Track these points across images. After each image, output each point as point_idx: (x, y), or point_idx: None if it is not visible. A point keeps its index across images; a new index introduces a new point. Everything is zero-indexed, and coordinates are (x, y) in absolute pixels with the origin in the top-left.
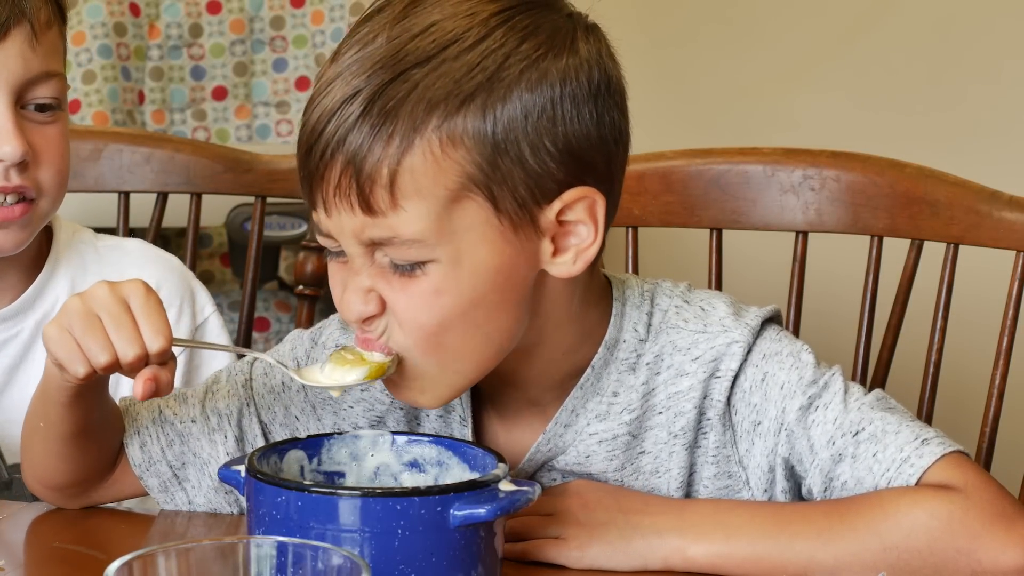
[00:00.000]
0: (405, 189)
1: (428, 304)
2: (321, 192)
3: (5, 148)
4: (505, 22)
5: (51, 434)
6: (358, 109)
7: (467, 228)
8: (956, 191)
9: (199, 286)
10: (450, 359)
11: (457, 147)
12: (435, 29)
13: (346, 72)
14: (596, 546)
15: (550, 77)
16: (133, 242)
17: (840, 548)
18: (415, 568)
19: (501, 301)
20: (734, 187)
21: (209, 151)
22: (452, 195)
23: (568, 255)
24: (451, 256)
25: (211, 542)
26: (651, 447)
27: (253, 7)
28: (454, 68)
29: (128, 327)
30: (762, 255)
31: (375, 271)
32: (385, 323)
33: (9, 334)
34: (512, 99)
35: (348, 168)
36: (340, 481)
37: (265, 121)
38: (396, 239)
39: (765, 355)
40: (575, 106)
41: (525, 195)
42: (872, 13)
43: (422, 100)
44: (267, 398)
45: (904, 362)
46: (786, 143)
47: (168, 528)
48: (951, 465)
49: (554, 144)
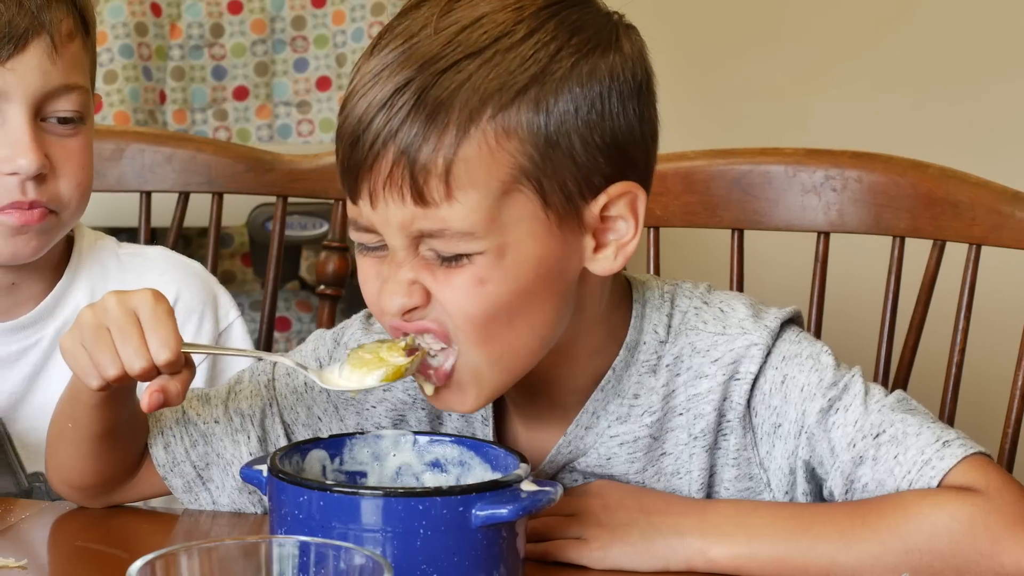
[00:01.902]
0: (460, 180)
1: (474, 293)
2: (368, 183)
3: (21, 161)
4: (554, 16)
5: (79, 435)
6: (411, 99)
7: (515, 220)
8: (978, 192)
9: (222, 291)
10: (498, 352)
11: (511, 139)
12: (485, 21)
13: (393, 63)
14: (617, 547)
15: (599, 72)
16: (155, 249)
17: (862, 550)
18: (437, 568)
19: (545, 294)
20: (756, 187)
21: (231, 151)
22: (504, 187)
23: (609, 250)
24: (498, 248)
25: (233, 541)
26: (672, 448)
27: (274, 7)
28: (507, 60)
29: (134, 339)
30: (784, 256)
31: (418, 263)
32: (432, 313)
33: (29, 342)
34: (564, 93)
35: (401, 159)
36: (362, 481)
37: (286, 121)
38: (447, 231)
39: (785, 357)
40: (621, 102)
41: (573, 189)
42: (894, 12)
43: (476, 91)
44: (290, 399)
45: (926, 363)
46: (807, 143)
47: (192, 527)
48: (973, 467)
49: (602, 138)
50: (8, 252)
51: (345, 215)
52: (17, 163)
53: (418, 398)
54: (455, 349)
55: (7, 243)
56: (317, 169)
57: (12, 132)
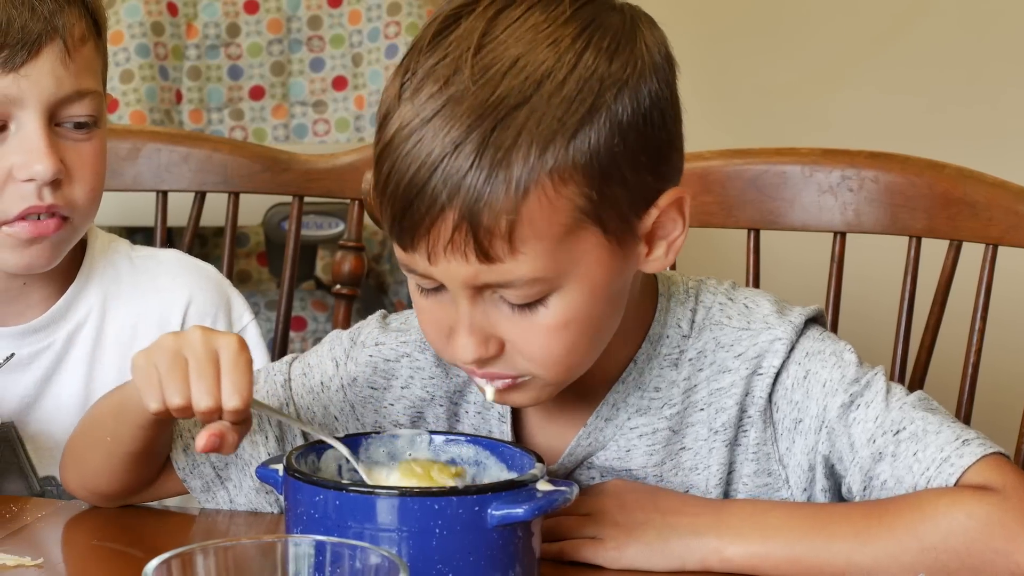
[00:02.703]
0: (523, 235)
1: (556, 337)
2: (427, 244)
3: (37, 167)
4: (588, 44)
5: (116, 450)
6: (466, 162)
7: (581, 255)
8: (995, 192)
9: (235, 294)
10: (574, 370)
11: (568, 185)
12: (523, 64)
13: (436, 119)
14: (633, 546)
15: (641, 95)
16: (168, 252)
17: (878, 549)
18: (453, 568)
19: (614, 310)
20: (772, 187)
21: (247, 150)
22: (566, 230)
23: (659, 250)
24: (569, 285)
25: (250, 541)
26: (691, 443)
27: (291, 7)
28: (554, 105)
29: (210, 378)
30: (800, 256)
31: (488, 309)
32: (507, 359)
33: (41, 345)
34: (612, 125)
35: (463, 223)
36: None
37: (302, 121)
38: (515, 281)
39: (808, 353)
40: (661, 116)
41: (628, 212)
42: (909, 12)
43: (532, 145)
44: (306, 398)
45: (942, 363)
46: (823, 143)
47: (209, 526)
48: (991, 466)
49: (646, 154)
50: (24, 263)
51: (361, 215)
52: (33, 169)
53: (436, 395)
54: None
55: (22, 254)
56: (333, 169)
57: (27, 138)
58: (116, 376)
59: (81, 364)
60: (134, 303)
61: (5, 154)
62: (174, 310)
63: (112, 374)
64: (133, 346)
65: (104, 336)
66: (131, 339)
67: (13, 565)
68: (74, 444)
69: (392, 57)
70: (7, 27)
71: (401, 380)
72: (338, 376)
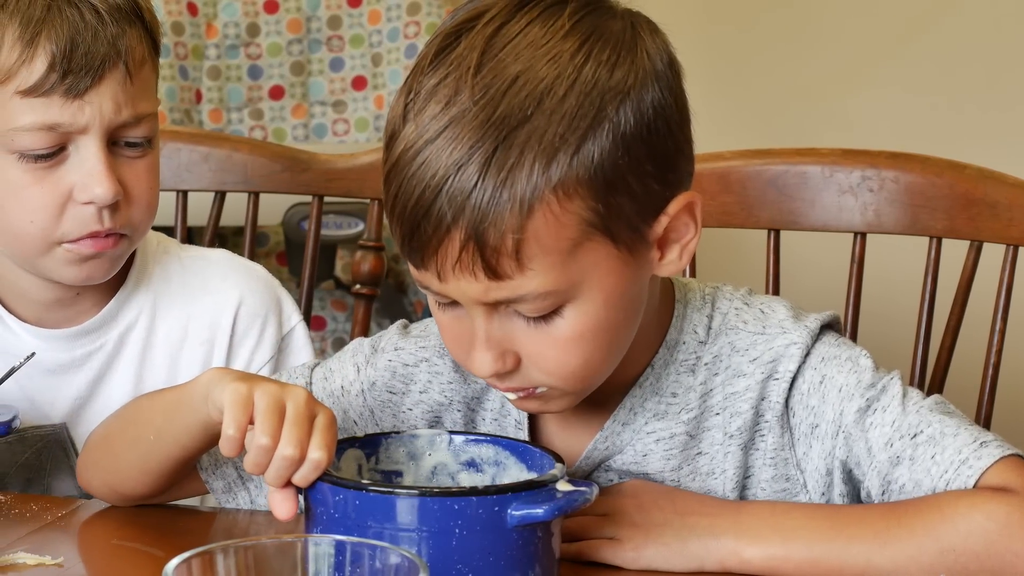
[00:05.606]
0: (531, 252)
1: (572, 349)
2: (436, 263)
3: (97, 191)
4: (588, 57)
5: (156, 450)
6: (469, 182)
7: (592, 266)
8: (1016, 192)
9: (285, 295)
10: (591, 380)
11: (573, 199)
12: (523, 81)
13: (440, 139)
14: (652, 547)
15: (643, 104)
16: (218, 252)
17: (897, 551)
18: (472, 568)
19: (630, 318)
20: (792, 188)
21: (267, 150)
22: (574, 243)
23: (673, 254)
24: (582, 296)
25: (270, 540)
26: (708, 448)
27: (310, 6)
28: (555, 121)
29: (302, 431)
30: (820, 256)
31: (503, 322)
32: (525, 372)
33: (93, 346)
34: (615, 137)
35: (469, 243)
36: (398, 480)
37: (322, 120)
38: (526, 296)
39: (824, 358)
40: (665, 122)
41: (637, 221)
42: (931, 12)
43: (535, 162)
44: (326, 402)
45: (963, 364)
46: (844, 143)
47: (228, 525)
48: (1009, 468)
49: (652, 164)
50: (83, 275)
51: (381, 215)
52: (93, 192)
53: (454, 399)
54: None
55: (80, 268)
56: (353, 168)
57: (86, 161)
58: (166, 377)
59: (132, 365)
60: (185, 304)
61: (64, 175)
62: (225, 311)
63: (162, 375)
64: (183, 347)
65: (155, 337)
66: (181, 340)
67: (34, 564)
68: (104, 440)
69: (411, 57)
70: (71, 52)
71: (420, 385)
72: (358, 381)
